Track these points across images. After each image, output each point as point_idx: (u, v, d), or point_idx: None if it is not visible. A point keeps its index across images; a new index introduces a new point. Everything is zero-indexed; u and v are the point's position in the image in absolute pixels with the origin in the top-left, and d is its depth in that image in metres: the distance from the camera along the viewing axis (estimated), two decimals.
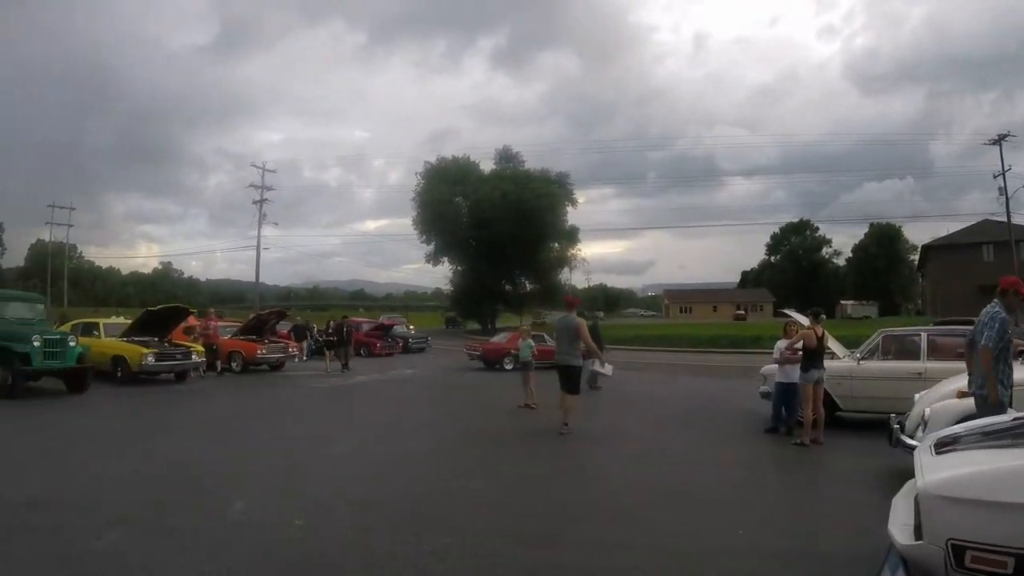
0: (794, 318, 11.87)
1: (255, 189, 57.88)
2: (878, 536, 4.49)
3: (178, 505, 6.60)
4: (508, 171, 60.90)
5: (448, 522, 6.18)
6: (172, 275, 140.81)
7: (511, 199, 55.29)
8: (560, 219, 58.87)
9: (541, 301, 67.91)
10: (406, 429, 12.15)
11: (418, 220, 59.68)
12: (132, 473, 8.01)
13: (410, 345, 33.74)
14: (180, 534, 5.69)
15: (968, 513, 3.10)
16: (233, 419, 13.30)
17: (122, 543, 5.42)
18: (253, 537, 5.69)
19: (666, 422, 12.73)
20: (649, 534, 5.95)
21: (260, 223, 57.23)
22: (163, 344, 18.95)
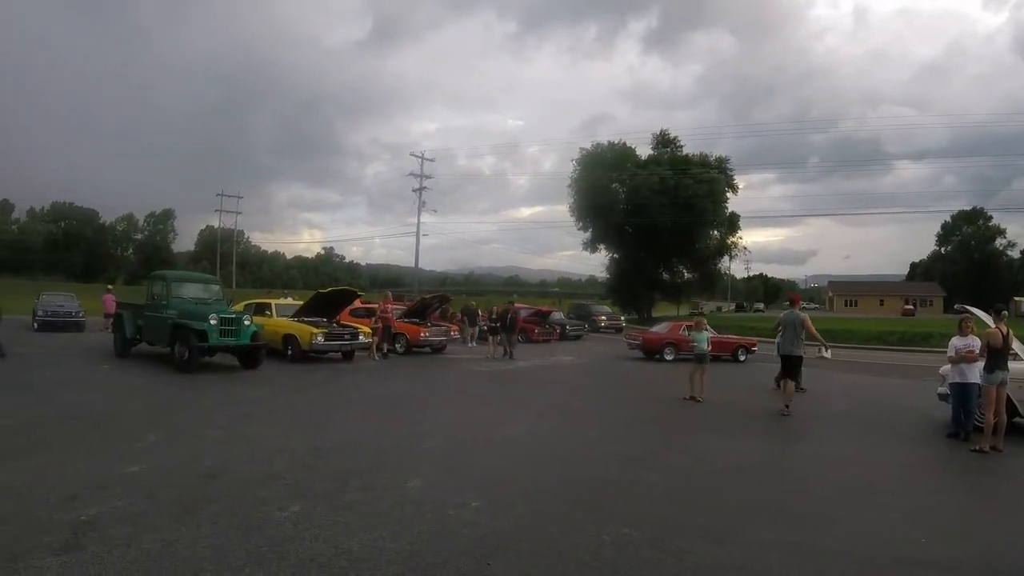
0: (972, 314, 11.19)
1: (413, 178, 60.10)
2: None
3: (355, 480, 6.80)
4: (666, 156, 59.32)
5: (625, 513, 6.15)
6: (333, 260, 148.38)
7: (669, 185, 54.05)
8: (720, 205, 56.69)
9: (699, 291, 66.51)
10: (571, 415, 12.18)
11: (575, 207, 59.25)
12: (307, 447, 8.31)
13: (567, 332, 33.63)
14: (359, 509, 5.86)
15: None
16: (400, 398, 13.61)
17: (303, 516, 5.61)
18: (431, 515, 5.78)
19: (841, 420, 12.31)
20: (832, 537, 5.80)
21: (419, 211, 59.37)
22: (332, 325, 19.74)
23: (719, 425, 11.50)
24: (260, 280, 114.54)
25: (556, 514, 6.02)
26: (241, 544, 4.95)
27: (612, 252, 61.01)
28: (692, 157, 58.94)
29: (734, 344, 24.22)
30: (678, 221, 53.72)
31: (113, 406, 10.91)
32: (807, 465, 8.86)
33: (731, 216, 58.52)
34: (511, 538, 5.35)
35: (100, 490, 6.10)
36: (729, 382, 17.16)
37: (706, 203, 54.60)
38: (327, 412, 11.49)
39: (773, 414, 12.67)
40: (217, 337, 15.46)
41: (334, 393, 14.03)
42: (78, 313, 28.03)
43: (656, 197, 53.70)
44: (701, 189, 54.13)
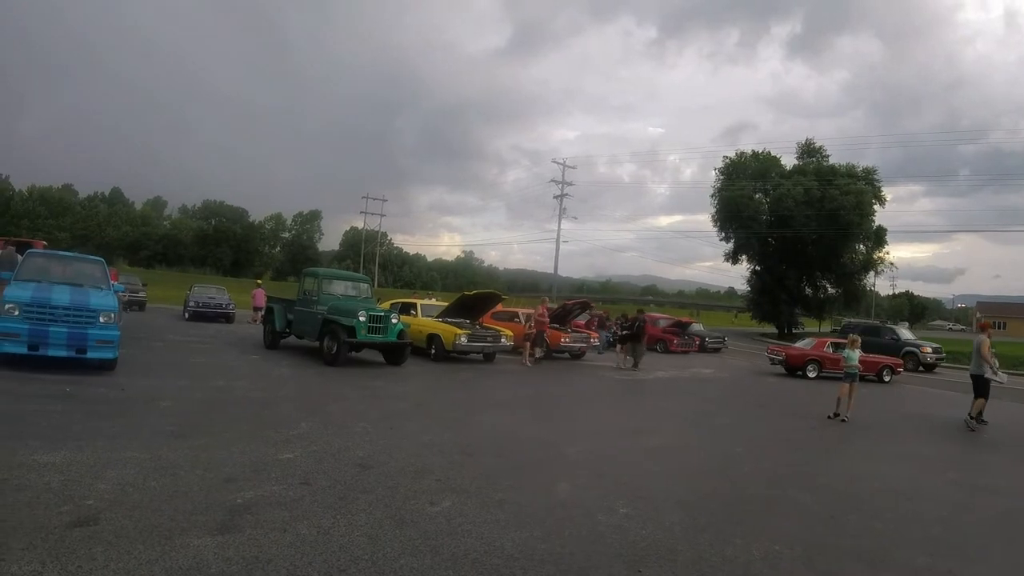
0: None
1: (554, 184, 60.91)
2: None
3: (503, 479, 6.85)
4: (811, 166, 57.67)
5: (775, 530, 6.06)
6: (472, 263, 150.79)
7: (814, 196, 52.51)
8: (867, 218, 54.31)
9: (842, 307, 64.15)
10: (714, 429, 12.06)
11: (716, 216, 58.62)
12: (455, 444, 8.43)
13: (706, 344, 33.27)
14: (510, 508, 5.89)
15: None
16: (543, 402, 13.75)
17: (455, 511, 5.67)
18: (581, 519, 5.79)
19: (990, 448, 11.94)
20: (987, 566, 5.71)
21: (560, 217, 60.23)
22: (475, 327, 19.96)
23: (866, 447, 11.35)
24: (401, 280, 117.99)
25: (705, 526, 5.94)
26: (395, 535, 5.03)
27: (753, 264, 59.85)
28: (838, 167, 56.81)
29: (880, 364, 23.64)
30: (822, 234, 52.15)
31: (265, 394, 11.40)
32: (956, 491, 8.55)
33: (878, 230, 55.83)
34: (661, 547, 5.32)
35: (256, 474, 6.30)
36: (874, 403, 16.58)
37: (852, 216, 52.56)
38: (472, 411, 11.68)
39: (920, 437, 12.48)
40: (365, 333, 15.79)
41: (477, 393, 14.29)
42: (228, 305, 29.01)
43: (800, 208, 52.37)
44: (847, 201, 52.17)
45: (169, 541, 4.60)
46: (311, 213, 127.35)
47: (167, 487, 5.74)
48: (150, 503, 5.32)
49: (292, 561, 4.46)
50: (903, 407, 17.17)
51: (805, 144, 60.41)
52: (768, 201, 56.27)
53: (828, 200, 52.37)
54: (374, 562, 4.57)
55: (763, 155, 59.82)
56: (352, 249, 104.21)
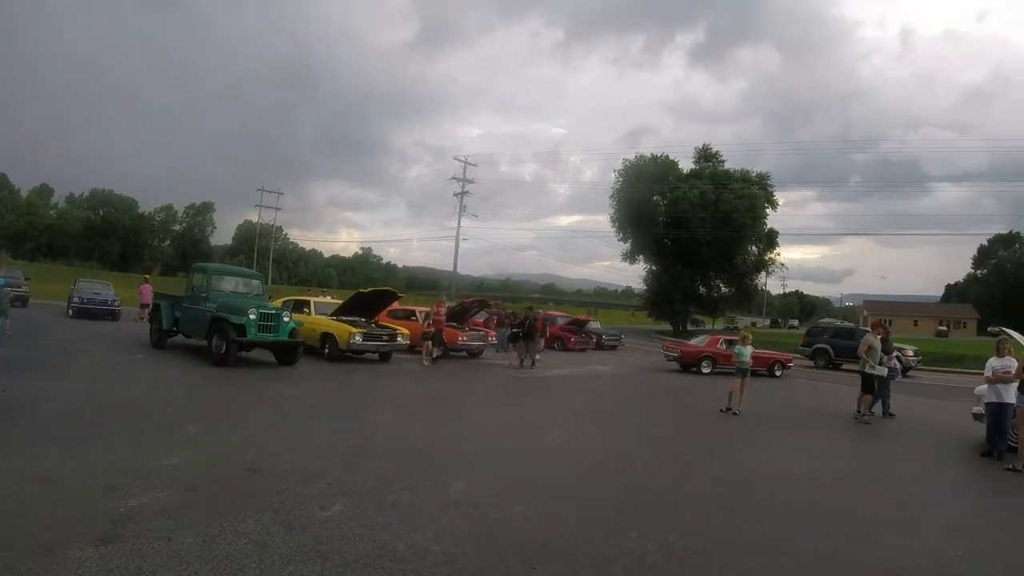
0: (1010, 336, 11.47)
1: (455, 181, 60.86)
2: None
3: (397, 480, 6.70)
4: (707, 170, 59.47)
5: (670, 522, 6.13)
6: (371, 260, 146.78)
7: (710, 199, 54.23)
8: (759, 221, 56.83)
9: (735, 305, 66.51)
10: (610, 424, 12.21)
11: (615, 217, 59.75)
12: (348, 446, 8.24)
13: (603, 342, 33.60)
14: (403, 510, 5.78)
15: None
16: (439, 401, 13.62)
17: (347, 515, 5.51)
18: (476, 518, 5.71)
19: (879, 438, 12.46)
20: (877, 550, 5.90)
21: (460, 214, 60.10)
22: (371, 325, 19.48)
23: (759, 439, 11.70)
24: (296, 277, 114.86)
25: (600, 520, 5.97)
26: (284, 542, 4.86)
27: (650, 264, 61.27)
28: (733, 172, 59.19)
29: (771, 359, 24.40)
30: (717, 235, 53.86)
31: (150, 396, 10.93)
32: (848, 480, 8.95)
33: (770, 232, 58.60)
34: (556, 543, 5.31)
35: (140, 481, 6.00)
36: (766, 397, 17.12)
37: (745, 218, 54.77)
38: (366, 412, 11.49)
39: (811, 429, 12.98)
40: (255, 332, 15.26)
41: (372, 393, 14.02)
42: (114, 302, 27.63)
43: (696, 211, 53.91)
44: (741, 204, 54.32)
45: (49, 554, 4.34)
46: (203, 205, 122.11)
47: (46, 496, 5.48)
48: (28, 513, 5.06)
49: (176, 572, 4.27)
50: (794, 400, 17.95)
51: (702, 149, 62.38)
52: (665, 203, 57.58)
53: (723, 203, 54.16)
54: (262, 570, 4.41)
55: (662, 158, 61.24)
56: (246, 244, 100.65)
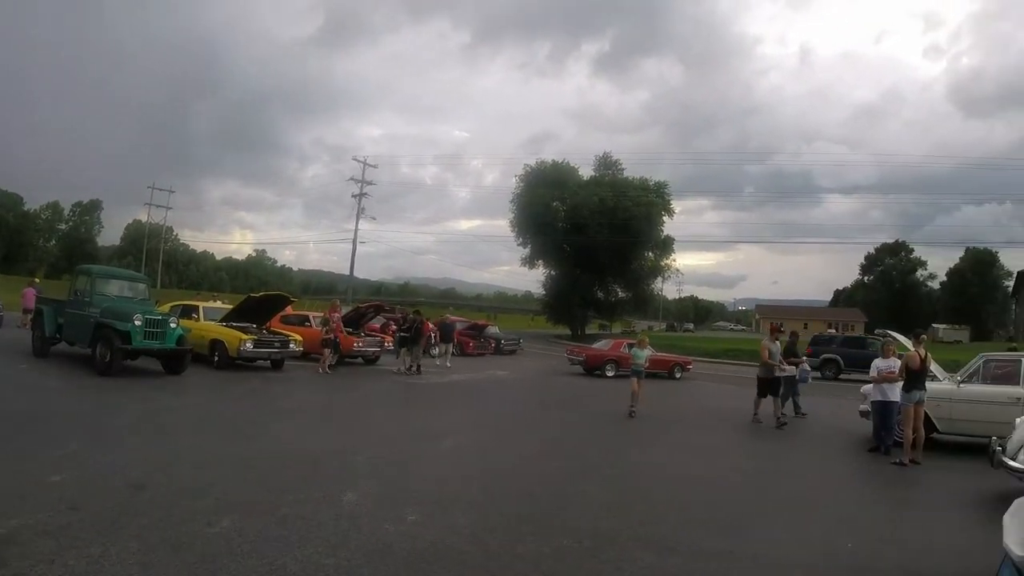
0: (893, 338, 12.20)
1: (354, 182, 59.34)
2: (986, 552, 4.79)
3: (288, 493, 6.57)
4: (607, 178, 60.66)
5: (566, 524, 6.21)
6: (265, 263, 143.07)
7: (608, 206, 55.10)
8: (656, 228, 58.38)
9: (632, 309, 67.98)
10: (509, 429, 12.32)
11: (515, 222, 60.02)
12: (238, 458, 8.04)
13: (502, 346, 33.56)
14: (294, 523, 5.68)
15: None
16: (334, 409, 13.46)
17: (236, 530, 5.38)
18: (368, 530, 5.65)
19: (772, 437, 12.87)
20: (769, 545, 6.13)
21: (358, 217, 58.80)
22: (262, 331, 18.91)
23: (657, 438, 12.01)
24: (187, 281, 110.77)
25: (495, 526, 6.01)
26: (171, 560, 4.72)
27: (549, 269, 61.87)
28: (632, 180, 60.33)
29: (671, 362, 25.11)
30: (615, 241, 54.70)
31: (31, 409, 10.45)
32: (742, 478, 9.31)
33: (666, 239, 60.23)
34: (450, 550, 5.30)
35: (20, 500, 5.74)
36: (667, 398, 17.64)
37: (643, 225, 56.14)
38: (257, 422, 11.17)
39: (709, 428, 13.42)
40: (141, 339, 14.61)
41: (264, 402, 13.64)
42: None
43: (595, 217, 54.73)
44: (639, 212, 55.61)
45: None
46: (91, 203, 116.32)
47: None
48: None
49: None
50: (693, 402, 18.52)
51: (603, 157, 63.62)
52: (565, 209, 58.23)
53: (621, 210, 55.20)
54: None
55: (563, 165, 62.06)
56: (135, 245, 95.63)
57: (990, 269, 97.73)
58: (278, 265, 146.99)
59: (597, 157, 63.85)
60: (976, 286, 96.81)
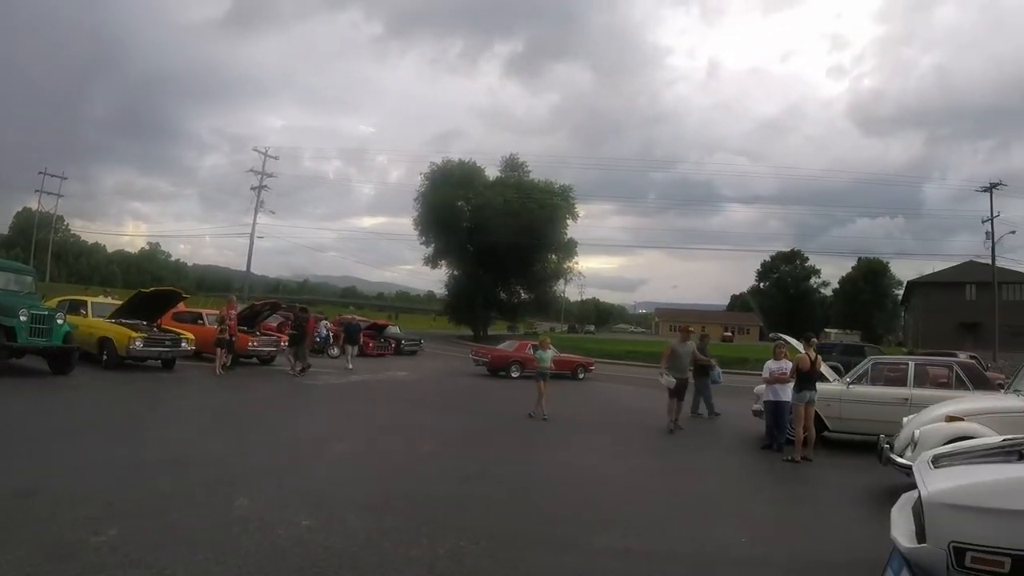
0: (785, 340, 12.68)
1: (253, 174, 57.02)
2: (874, 544, 4.90)
3: (178, 499, 6.40)
4: (513, 179, 61.01)
5: (461, 526, 6.17)
6: (159, 256, 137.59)
7: (513, 208, 55.38)
8: (560, 231, 59.14)
9: (534, 311, 68.47)
10: (408, 430, 12.15)
11: (419, 221, 59.81)
12: (127, 463, 7.76)
13: (403, 347, 33.35)
14: (183, 530, 5.51)
15: (969, 518, 3.37)
16: (226, 411, 13.16)
17: (123, 538, 5.18)
18: (260, 535, 5.51)
19: (669, 436, 13.03)
20: (665, 542, 6.24)
21: (257, 210, 56.78)
22: (153, 329, 18.32)
23: (559, 440, 12.09)
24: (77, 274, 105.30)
25: (390, 529, 5.94)
26: (55, 571, 4.53)
27: (453, 269, 61.76)
28: (538, 183, 60.91)
29: (574, 363, 25.43)
30: (519, 243, 54.97)
31: None
32: (640, 476, 9.53)
33: (569, 242, 60.94)
34: (344, 555, 5.20)
35: None
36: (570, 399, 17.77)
37: (547, 228, 56.75)
38: (147, 425, 10.83)
39: (609, 428, 13.69)
40: (27, 336, 13.95)
41: (154, 404, 13.24)
42: None
43: (499, 218, 54.82)
44: (543, 214, 56.21)
45: None
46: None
47: None
48: None
49: None
50: (596, 402, 18.83)
51: (510, 158, 63.85)
52: (470, 209, 58.36)
53: (526, 212, 55.58)
54: None
55: (469, 164, 62.07)
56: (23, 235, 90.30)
57: (881, 278, 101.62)
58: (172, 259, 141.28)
59: (504, 158, 64.13)
60: (867, 294, 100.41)
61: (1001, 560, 3.23)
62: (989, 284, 48.57)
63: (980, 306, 53.70)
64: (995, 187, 47.40)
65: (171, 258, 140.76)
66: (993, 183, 47.55)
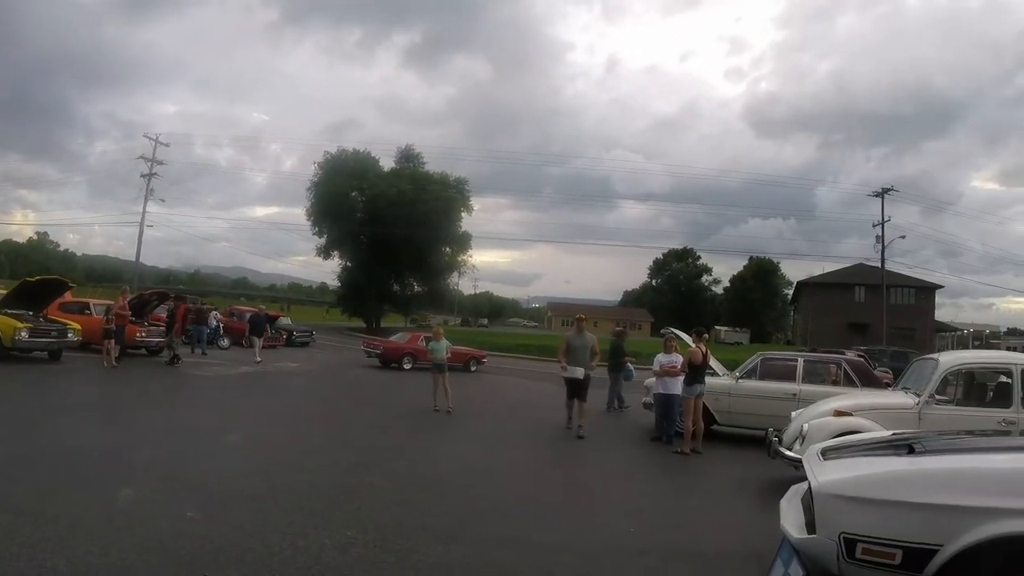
0: (675, 334, 12.87)
1: (143, 162, 55.04)
2: (763, 535, 5.08)
3: (60, 492, 6.26)
4: (407, 171, 60.47)
5: (349, 517, 6.16)
6: (47, 246, 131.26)
7: (407, 199, 54.92)
8: (454, 224, 59.10)
9: (427, 304, 68.18)
10: (296, 422, 12.08)
11: (312, 211, 58.72)
12: (7, 457, 7.52)
13: (294, 338, 32.98)
14: (65, 523, 5.39)
15: (859, 510, 3.36)
16: (114, 404, 12.83)
17: (2, 533, 5.07)
18: (142, 528, 5.43)
19: (559, 428, 12.92)
20: (553, 532, 6.25)
21: (146, 198, 54.57)
22: (39, 319, 17.87)
23: (449, 431, 12.14)
24: None
25: (276, 520, 5.88)
26: None
27: (346, 260, 61.10)
28: (433, 175, 60.67)
29: (467, 355, 25.42)
30: (413, 235, 54.65)
31: None
32: (530, 468, 9.58)
33: (463, 235, 60.99)
34: (229, 547, 5.14)
35: None
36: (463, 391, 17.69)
37: (441, 220, 56.60)
38: (31, 418, 10.44)
39: (502, 420, 13.86)
40: None
41: (39, 397, 12.83)
42: None
43: (394, 210, 54.39)
44: (438, 207, 56.00)
45: None
46: None
47: None
48: None
49: None
50: (487, 394, 18.98)
51: (405, 149, 63.41)
52: (364, 200, 57.77)
53: (420, 204, 55.19)
54: None
55: (363, 154, 61.36)
56: None
57: (772, 277, 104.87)
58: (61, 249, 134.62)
59: (399, 149, 63.70)
60: (758, 292, 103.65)
61: (892, 552, 3.25)
62: (878, 286, 50.24)
63: (869, 307, 56.15)
64: (887, 192, 48.70)
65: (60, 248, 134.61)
66: (885, 188, 48.87)
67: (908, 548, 3.21)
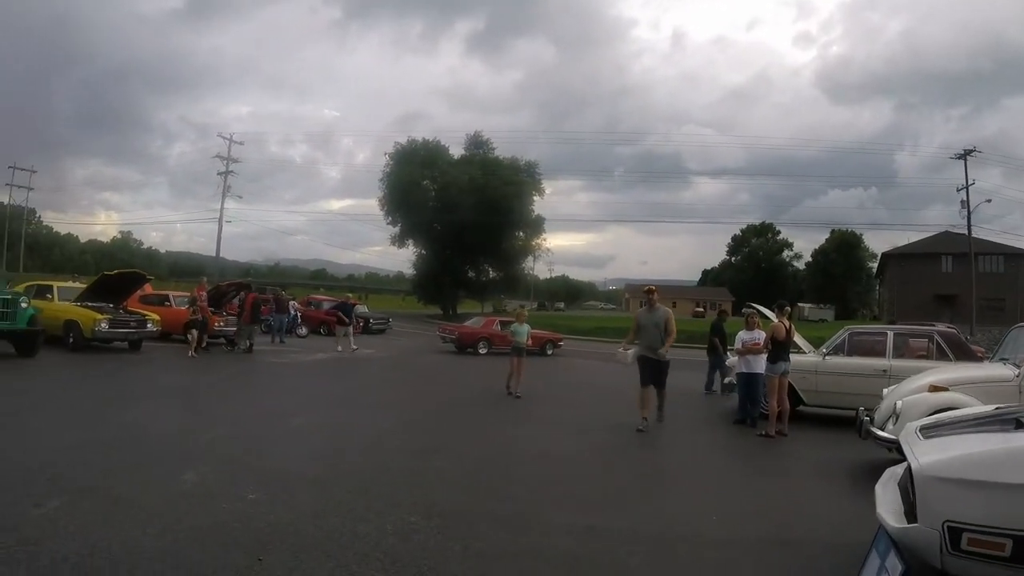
0: (757, 310, 12.33)
1: (220, 160, 56.75)
2: (855, 523, 4.75)
3: (126, 474, 6.33)
4: (477, 157, 60.82)
5: (412, 501, 5.98)
6: (131, 245, 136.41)
7: (479, 185, 55.27)
8: (526, 208, 59.18)
9: (503, 289, 68.29)
10: (370, 408, 12.04)
11: (385, 201, 59.39)
12: (81, 441, 7.67)
13: (371, 326, 33.24)
14: (126, 504, 5.41)
15: (966, 494, 3.07)
16: (192, 391, 12.97)
17: (63, 511, 5.12)
18: (202, 509, 5.41)
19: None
20: (629, 520, 5.93)
21: (224, 195, 56.31)
22: (118, 311, 18.36)
23: (523, 416, 11.74)
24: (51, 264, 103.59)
25: (338, 504, 5.78)
26: None
27: (420, 248, 61.70)
28: (503, 160, 60.81)
29: (543, 339, 25.31)
30: (485, 221, 54.93)
31: None
32: (605, 454, 9.09)
33: (536, 219, 60.98)
34: (288, 530, 5.05)
35: None
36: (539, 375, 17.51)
37: (513, 205, 56.61)
38: (109, 404, 10.63)
39: (577, 404, 13.40)
40: None
41: (119, 384, 13.09)
42: None
43: (465, 196, 54.73)
44: (509, 191, 56.08)
45: None
46: None
47: None
48: None
49: None
50: (562, 377, 18.80)
51: (474, 136, 63.90)
52: (436, 188, 58.23)
53: (491, 189, 55.44)
54: None
55: (433, 143, 61.82)
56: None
57: (855, 251, 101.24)
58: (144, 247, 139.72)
59: (468, 136, 64.22)
60: (841, 266, 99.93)
61: (1001, 542, 2.94)
62: (965, 255, 46.80)
63: (956, 278, 52.63)
64: (969, 154, 45.50)
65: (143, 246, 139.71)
66: (967, 150, 45.65)
67: (1020, 538, 2.89)
